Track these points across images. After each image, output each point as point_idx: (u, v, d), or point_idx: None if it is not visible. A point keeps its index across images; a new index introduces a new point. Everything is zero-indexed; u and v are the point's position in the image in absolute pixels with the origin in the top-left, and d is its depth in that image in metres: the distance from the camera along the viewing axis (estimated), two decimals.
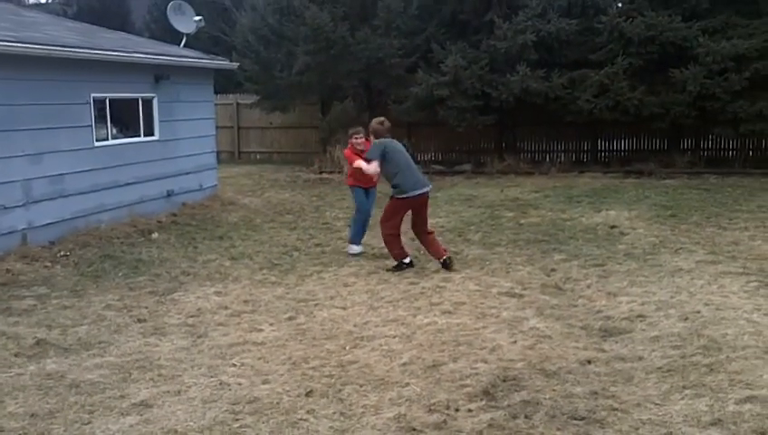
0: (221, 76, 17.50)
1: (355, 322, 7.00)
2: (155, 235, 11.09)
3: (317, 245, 10.61)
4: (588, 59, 17.50)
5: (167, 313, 7.41)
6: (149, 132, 12.64)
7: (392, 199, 8.99)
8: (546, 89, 17.26)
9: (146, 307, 7.58)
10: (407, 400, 5.16)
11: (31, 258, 9.36)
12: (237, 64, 17.27)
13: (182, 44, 15.15)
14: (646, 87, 16.94)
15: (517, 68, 17.18)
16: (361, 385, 5.45)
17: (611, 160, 19.21)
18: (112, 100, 11.63)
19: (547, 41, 17.48)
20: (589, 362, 5.79)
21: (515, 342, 6.32)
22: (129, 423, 4.90)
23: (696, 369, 5.57)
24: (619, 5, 17.68)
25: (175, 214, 12.52)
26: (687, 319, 6.75)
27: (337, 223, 12.26)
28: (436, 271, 8.84)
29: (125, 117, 12.18)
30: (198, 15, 15.92)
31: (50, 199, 10.39)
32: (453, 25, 18.98)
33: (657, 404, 5.00)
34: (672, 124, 17.45)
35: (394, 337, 6.52)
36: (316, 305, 7.58)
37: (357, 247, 9.91)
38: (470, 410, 5.00)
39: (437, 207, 12.93)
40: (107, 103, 11.51)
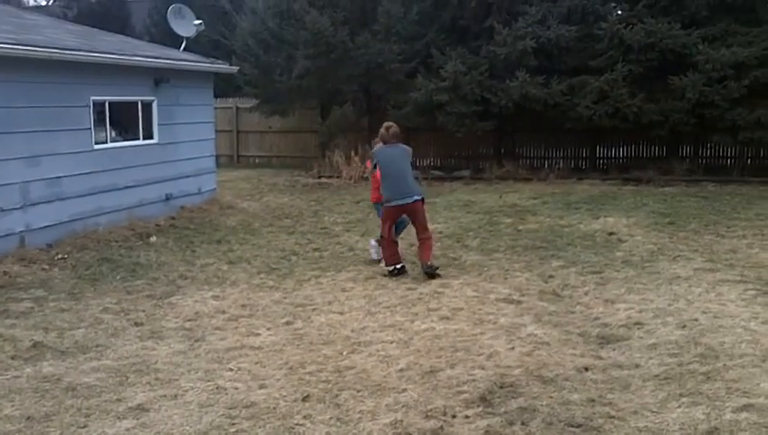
0: (221, 80, 17.50)
1: (352, 327, 7.00)
2: (153, 238, 11.08)
3: (315, 249, 10.61)
4: (587, 65, 17.50)
5: (164, 316, 7.41)
6: (149, 135, 12.66)
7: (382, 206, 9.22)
8: (545, 95, 17.25)
9: (143, 311, 7.57)
10: (403, 406, 5.16)
11: (28, 261, 9.36)
12: (237, 68, 17.29)
13: (182, 48, 15.19)
14: (645, 94, 16.93)
15: (517, 74, 17.18)
16: (358, 391, 5.45)
17: (610, 167, 19.20)
18: (112, 103, 11.65)
19: (547, 47, 17.48)
20: (586, 370, 5.80)
21: (513, 348, 6.32)
22: (125, 427, 4.90)
23: (694, 377, 5.57)
24: (619, 12, 17.68)
25: (173, 217, 12.53)
26: (685, 327, 6.76)
27: (335, 228, 12.26)
28: (433, 277, 8.83)
29: (124, 120, 12.19)
30: (198, 19, 15.98)
31: (48, 202, 10.40)
32: (453, 31, 18.97)
33: (654, 412, 5.00)
34: (671, 131, 17.44)
35: (391, 343, 6.52)
36: (314, 310, 7.58)
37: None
38: (467, 416, 5.00)
39: (436, 212, 12.93)
40: (106, 106, 11.53)
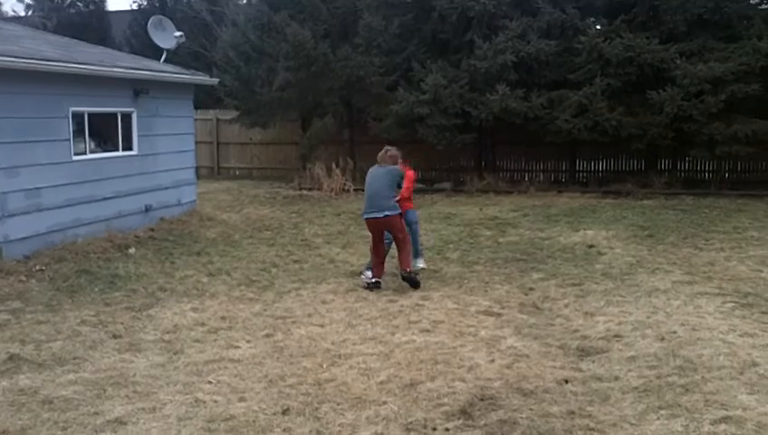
0: (201, 91, 17.46)
1: (333, 339, 6.98)
2: (132, 250, 11.00)
3: (296, 261, 10.58)
4: (567, 79, 17.63)
5: (143, 329, 7.35)
6: (128, 147, 12.57)
7: None
8: (525, 109, 17.35)
9: (122, 323, 7.50)
10: (384, 418, 5.15)
11: (5, 272, 9.25)
12: (218, 80, 17.27)
13: (162, 59, 15.13)
14: (624, 108, 17.08)
15: (497, 87, 17.25)
16: (338, 403, 5.43)
17: (589, 180, 19.34)
18: (91, 114, 11.57)
19: (527, 61, 17.59)
20: (566, 382, 5.82)
21: (493, 361, 6.33)
22: None
23: (672, 389, 5.61)
24: (598, 27, 17.83)
25: (152, 229, 12.43)
26: (664, 339, 6.80)
27: (316, 240, 12.24)
28: (414, 289, 8.83)
29: (103, 131, 12.11)
30: (179, 31, 15.92)
31: (26, 213, 10.28)
32: (433, 44, 19.05)
33: (633, 424, 5.03)
34: (649, 145, 17.60)
35: (372, 355, 6.51)
36: (294, 323, 7.55)
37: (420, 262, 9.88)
38: (447, 429, 5.00)
39: None
40: (85, 117, 11.44)
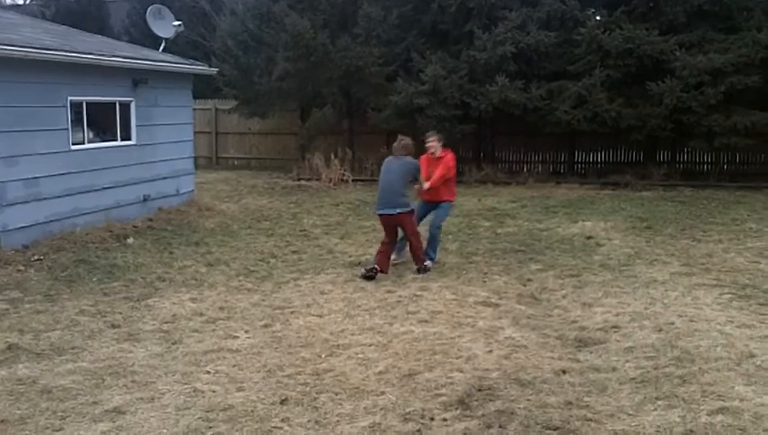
0: (200, 81, 17.42)
1: (331, 330, 6.99)
2: (130, 240, 10.99)
3: (294, 252, 10.58)
4: (566, 71, 17.61)
5: (141, 319, 7.35)
6: (127, 136, 12.55)
7: None
8: (525, 100, 17.33)
9: (120, 313, 7.51)
10: (382, 408, 5.16)
11: (4, 262, 9.25)
12: (216, 70, 17.23)
13: (161, 49, 15.11)
14: (623, 99, 17.08)
15: (496, 78, 17.23)
16: (336, 393, 5.44)
17: (588, 172, 19.35)
18: (89, 103, 11.55)
19: (526, 52, 17.56)
20: (563, 373, 5.83)
21: (491, 351, 6.35)
22: (101, 430, 4.86)
23: (670, 380, 5.62)
24: (598, 18, 17.81)
25: (151, 219, 12.43)
26: (661, 330, 6.81)
27: (315, 230, 12.24)
28: (413, 280, 8.86)
29: (102, 121, 12.09)
30: (178, 20, 15.91)
31: (24, 203, 10.27)
32: (433, 35, 19.01)
33: (630, 415, 5.04)
34: (648, 136, 17.61)
35: (370, 346, 6.52)
36: (292, 313, 7.56)
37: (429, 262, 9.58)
38: (445, 419, 5.01)
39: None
40: (84, 107, 11.42)
